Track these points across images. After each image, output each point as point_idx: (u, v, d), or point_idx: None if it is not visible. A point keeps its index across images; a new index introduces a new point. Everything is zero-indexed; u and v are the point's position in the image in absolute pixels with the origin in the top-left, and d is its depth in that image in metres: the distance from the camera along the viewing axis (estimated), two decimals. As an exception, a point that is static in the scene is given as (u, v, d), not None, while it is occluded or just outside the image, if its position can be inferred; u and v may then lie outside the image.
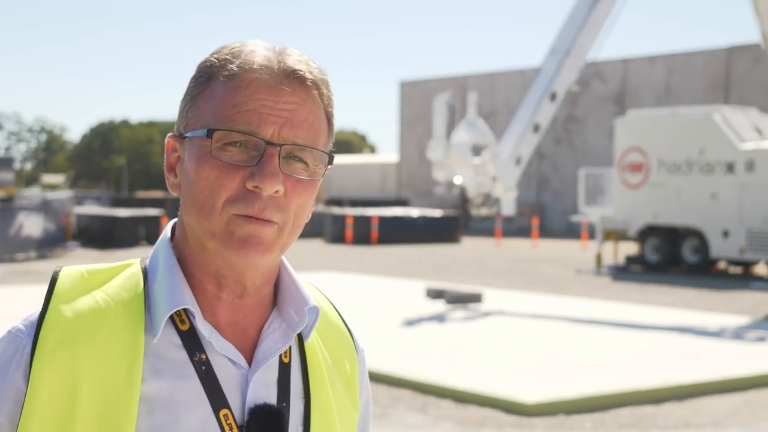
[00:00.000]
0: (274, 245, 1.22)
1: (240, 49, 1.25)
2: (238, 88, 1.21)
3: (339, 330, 1.40)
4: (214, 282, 1.25)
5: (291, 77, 1.22)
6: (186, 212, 1.25)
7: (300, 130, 1.22)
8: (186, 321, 1.24)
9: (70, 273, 1.25)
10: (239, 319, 1.27)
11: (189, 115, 1.25)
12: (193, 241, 1.25)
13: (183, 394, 1.20)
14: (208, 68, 1.25)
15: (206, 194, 1.20)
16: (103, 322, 1.20)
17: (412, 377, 9.09)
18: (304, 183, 1.23)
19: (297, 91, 1.22)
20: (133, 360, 1.18)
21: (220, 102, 1.22)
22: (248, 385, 1.24)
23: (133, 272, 1.27)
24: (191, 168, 1.23)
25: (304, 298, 1.29)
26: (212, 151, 1.20)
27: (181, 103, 1.28)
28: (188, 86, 1.27)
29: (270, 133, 1.20)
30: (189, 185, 1.23)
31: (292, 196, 1.21)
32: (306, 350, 1.32)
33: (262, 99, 1.21)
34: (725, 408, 8.46)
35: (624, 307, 15.12)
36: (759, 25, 15.38)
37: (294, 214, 1.23)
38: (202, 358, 1.22)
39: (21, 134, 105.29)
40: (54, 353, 1.17)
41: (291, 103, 1.22)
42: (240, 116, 1.20)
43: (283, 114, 1.21)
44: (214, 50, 1.27)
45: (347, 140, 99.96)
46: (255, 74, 1.21)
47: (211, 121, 1.21)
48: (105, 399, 1.16)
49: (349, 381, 1.37)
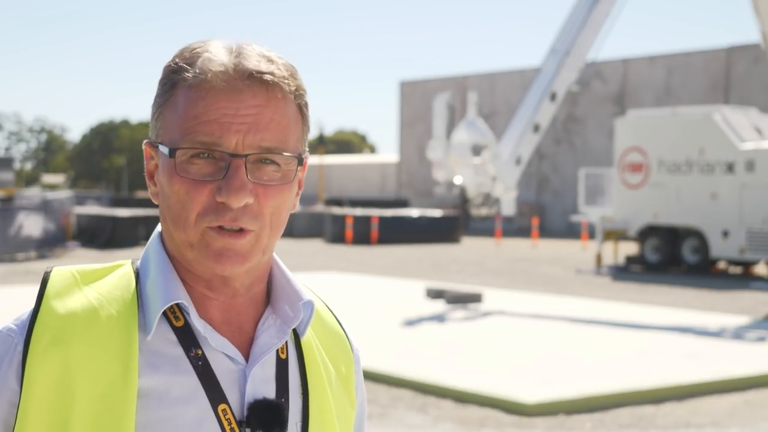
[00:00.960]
0: (251, 253, 1.21)
1: (198, 53, 1.22)
2: (197, 98, 1.19)
3: (334, 330, 1.40)
4: (203, 284, 1.25)
5: (250, 80, 1.19)
6: (164, 222, 1.25)
7: (266, 132, 1.19)
8: (180, 317, 1.23)
9: (62, 273, 1.24)
10: (233, 317, 1.27)
11: (158, 125, 1.24)
12: (175, 247, 1.25)
13: (180, 389, 1.20)
14: (170, 75, 1.23)
15: (179, 208, 1.20)
16: (95, 319, 1.20)
17: (412, 377, 9.09)
18: (277, 187, 1.21)
19: (258, 93, 1.19)
20: (129, 356, 1.18)
21: (182, 114, 1.20)
22: (246, 380, 1.23)
23: (125, 272, 1.27)
24: (164, 181, 1.22)
25: (298, 293, 1.29)
26: (177, 169, 1.19)
27: (152, 108, 1.26)
28: (156, 92, 1.26)
29: (233, 143, 1.18)
30: (164, 198, 1.23)
31: (265, 201, 1.20)
32: (302, 346, 1.32)
33: (222, 108, 1.18)
34: (725, 408, 8.46)
35: (624, 307, 15.12)
36: (759, 25, 15.38)
37: (270, 216, 1.21)
38: (198, 354, 1.22)
39: (21, 134, 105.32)
40: (47, 352, 1.17)
41: (254, 107, 1.19)
42: (201, 127, 1.18)
43: (247, 120, 1.18)
44: (177, 51, 1.25)
45: (347, 140, 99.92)
46: (211, 83, 1.19)
47: (176, 135, 1.20)
48: (101, 396, 1.16)
49: (345, 380, 1.37)
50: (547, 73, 18.05)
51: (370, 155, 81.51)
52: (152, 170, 1.28)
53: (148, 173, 1.28)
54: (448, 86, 44.98)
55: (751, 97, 38.16)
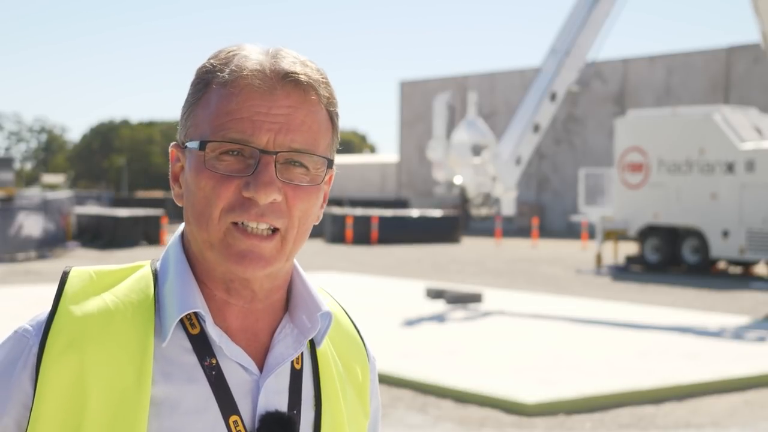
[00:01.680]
0: (275, 258, 1.20)
1: (234, 53, 1.23)
2: (230, 95, 1.19)
3: (351, 337, 1.39)
4: (222, 288, 1.24)
5: (285, 80, 1.20)
6: (187, 222, 1.24)
7: (297, 134, 1.19)
8: (196, 325, 1.22)
9: (80, 274, 1.23)
10: (250, 324, 1.25)
11: (188, 124, 1.24)
12: (196, 249, 1.24)
13: (192, 399, 1.19)
14: (204, 75, 1.23)
15: (203, 204, 1.19)
16: (111, 324, 1.19)
17: (412, 377, 9.09)
18: (306, 188, 1.21)
19: (292, 94, 1.20)
20: (143, 362, 1.17)
21: (215, 110, 1.20)
22: (259, 391, 1.22)
23: (143, 274, 1.26)
24: (190, 179, 1.22)
25: (317, 304, 1.28)
26: (206, 163, 1.19)
27: (182, 111, 1.26)
28: (188, 92, 1.26)
29: (264, 140, 1.18)
30: (189, 195, 1.22)
31: (294, 201, 1.20)
32: (318, 357, 1.30)
33: (256, 105, 1.18)
34: (725, 408, 8.46)
35: (624, 307, 15.12)
36: (759, 25, 15.38)
37: (298, 220, 1.21)
38: (212, 363, 1.21)
39: (21, 134, 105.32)
40: (62, 355, 1.16)
41: (286, 108, 1.19)
42: (234, 124, 1.18)
43: (278, 119, 1.19)
44: (211, 54, 1.25)
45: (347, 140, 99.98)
46: (247, 80, 1.19)
47: (207, 131, 1.20)
48: (115, 401, 1.15)
49: (360, 388, 1.36)
50: (547, 73, 18.05)
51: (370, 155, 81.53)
52: (177, 172, 1.27)
53: (173, 176, 1.28)
54: (448, 86, 44.99)
55: (751, 97, 38.16)
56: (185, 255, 1.26)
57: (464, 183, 17.90)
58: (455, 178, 18.04)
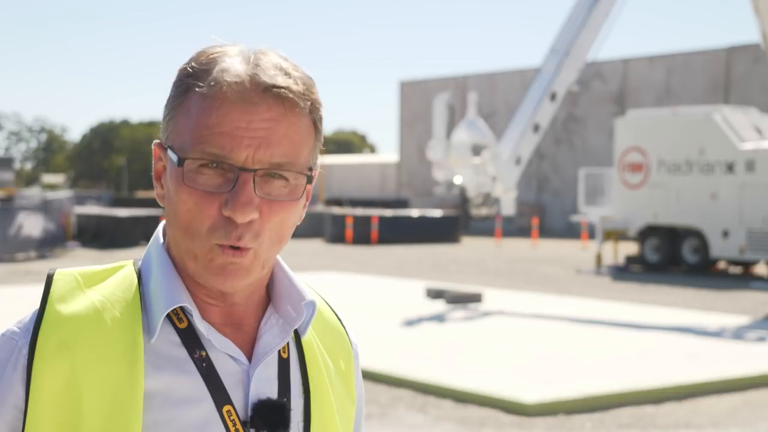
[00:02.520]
0: (252, 268, 1.21)
1: (215, 59, 1.20)
2: (210, 108, 1.17)
3: (333, 326, 1.40)
4: (203, 292, 1.25)
5: (266, 93, 1.17)
6: (170, 227, 1.24)
7: (277, 147, 1.18)
8: (184, 319, 1.23)
9: (65, 275, 1.24)
10: (234, 320, 1.27)
11: (169, 128, 1.23)
12: (178, 254, 1.25)
13: (184, 390, 1.20)
14: (185, 78, 1.22)
15: (188, 218, 1.19)
16: (100, 322, 1.19)
17: (412, 377, 9.09)
18: (282, 203, 1.20)
19: (273, 107, 1.17)
20: (134, 358, 1.18)
21: (195, 121, 1.18)
22: (250, 380, 1.24)
23: (127, 273, 1.26)
24: (172, 188, 1.21)
25: (300, 293, 1.29)
26: (185, 179, 1.18)
27: (164, 109, 1.25)
28: (170, 92, 1.25)
29: (243, 157, 1.16)
30: (171, 204, 1.22)
31: (268, 216, 1.19)
32: (303, 345, 1.32)
33: (236, 120, 1.16)
34: (725, 408, 8.46)
35: (624, 307, 15.12)
36: (759, 25, 15.38)
37: (270, 232, 1.20)
38: (202, 355, 1.22)
39: (21, 134, 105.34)
40: (54, 356, 1.16)
41: (267, 121, 1.17)
42: (213, 138, 1.17)
43: (259, 134, 1.17)
44: (193, 55, 1.24)
45: (347, 140, 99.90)
46: (225, 94, 1.17)
47: (187, 142, 1.19)
48: (109, 398, 1.16)
49: (344, 376, 1.38)
50: (547, 73, 18.05)
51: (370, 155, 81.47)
52: (160, 171, 1.27)
53: (156, 174, 1.27)
54: (448, 86, 45.01)
55: (751, 97, 38.16)
56: (167, 254, 1.27)
57: (464, 183, 17.91)
58: (455, 178, 18.05)
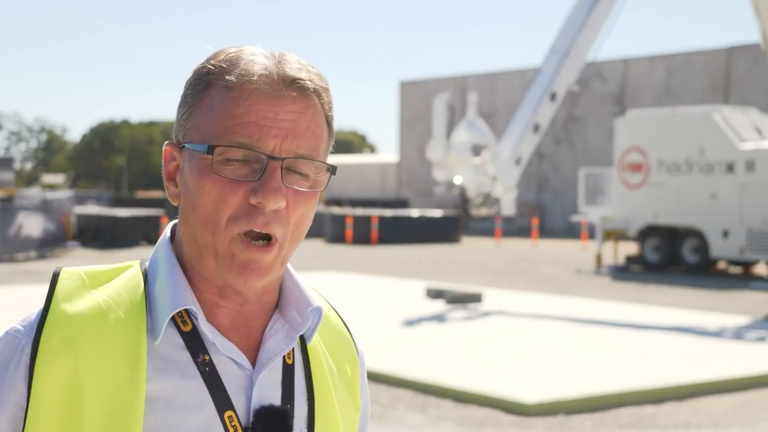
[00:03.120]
0: (273, 266, 1.21)
1: (238, 55, 1.22)
2: (237, 98, 1.19)
3: (340, 333, 1.40)
4: (214, 291, 1.24)
5: (291, 86, 1.20)
6: (186, 223, 1.23)
7: (302, 140, 1.20)
8: (188, 322, 1.23)
9: (70, 274, 1.24)
10: (241, 323, 1.26)
11: (188, 124, 1.23)
12: (193, 252, 1.23)
13: (186, 395, 1.19)
14: (206, 75, 1.22)
15: (209, 210, 1.19)
16: (104, 323, 1.19)
17: (412, 377, 9.09)
18: (306, 194, 1.21)
19: (298, 100, 1.20)
20: (137, 360, 1.18)
21: (219, 113, 1.19)
22: (253, 386, 1.23)
23: (133, 274, 1.26)
24: (193, 181, 1.21)
25: (307, 300, 1.29)
26: (214, 167, 1.18)
27: (179, 110, 1.25)
28: (185, 92, 1.25)
29: (272, 146, 1.18)
30: (190, 198, 1.21)
31: (293, 208, 1.20)
32: (309, 352, 1.31)
33: (263, 110, 1.18)
34: (725, 408, 8.46)
35: (624, 307, 15.12)
36: (759, 25, 15.37)
37: (294, 225, 1.21)
38: (205, 359, 1.22)
39: (21, 134, 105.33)
40: (57, 355, 1.16)
41: (292, 113, 1.19)
42: (240, 128, 1.18)
43: (285, 125, 1.19)
44: (210, 55, 1.24)
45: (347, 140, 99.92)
46: (254, 84, 1.19)
47: (211, 134, 1.19)
48: (111, 399, 1.15)
49: (350, 383, 1.37)
50: (547, 73, 18.05)
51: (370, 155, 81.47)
52: (173, 171, 1.26)
53: (168, 175, 1.27)
54: (448, 86, 45.01)
55: (751, 97, 38.16)
56: (175, 254, 1.26)
57: (464, 183, 17.91)
58: (455, 178, 18.05)
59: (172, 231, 1.30)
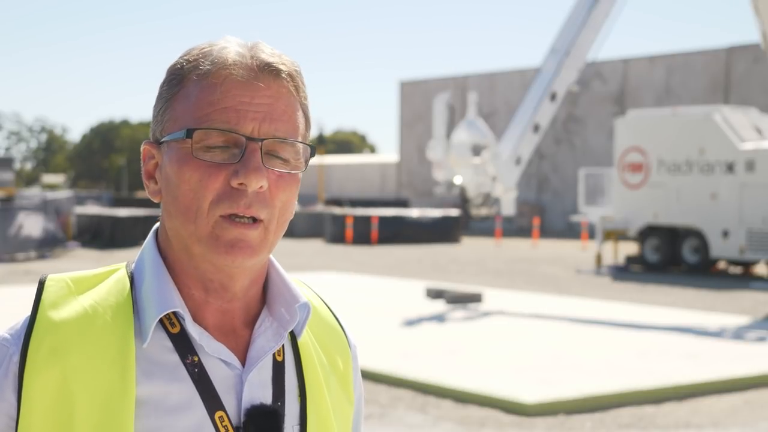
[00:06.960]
0: (261, 246, 1.21)
1: (210, 48, 1.23)
2: (213, 85, 1.20)
3: (331, 326, 1.39)
4: (200, 287, 1.24)
5: (265, 71, 1.21)
6: (169, 217, 1.23)
7: (279, 123, 1.21)
8: (176, 324, 1.22)
9: (57, 281, 1.23)
10: (228, 321, 1.26)
11: (165, 119, 1.24)
12: (177, 247, 1.24)
13: (176, 397, 1.19)
14: (179, 70, 1.23)
15: (190, 197, 1.19)
16: (92, 328, 1.19)
17: (412, 377, 9.09)
18: (287, 177, 1.22)
19: (272, 85, 1.21)
20: (125, 365, 1.17)
21: (196, 101, 1.20)
22: (243, 385, 1.23)
23: (119, 277, 1.25)
24: (172, 172, 1.21)
25: (294, 296, 1.28)
26: (193, 152, 1.19)
27: (155, 107, 1.26)
28: (160, 90, 1.25)
29: (250, 129, 1.19)
30: (171, 190, 1.22)
31: (276, 191, 1.20)
32: (299, 348, 1.31)
33: (239, 95, 1.19)
34: (725, 408, 8.46)
35: (624, 307, 15.12)
36: (759, 25, 15.37)
37: (279, 210, 1.22)
38: (194, 361, 1.21)
39: (21, 134, 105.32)
40: (46, 363, 1.16)
41: (268, 97, 1.20)
42: (218, 114, 1.19)
43: (261, 109, 1.20)
44: (183, 53, 1.25)
45: (347, 140, 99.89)
46: (229, 70, 1.20)
47: (189, 122, 1.20)
48: (101, 404, 1.15)
49: (342, 377, 1.36)
50: (547, 73, 18.05)
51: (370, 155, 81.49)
52: (151, 170, 1.27)
53: (147, 173, 1.27)
54: (448, 86, 45.03)
55: (751, 97, 38.16)
56: (161, 255, 1.26)
57: (464, 183, 17.91)
58: (455, 178, 18.05)
59: (157, 233, 1.30)
